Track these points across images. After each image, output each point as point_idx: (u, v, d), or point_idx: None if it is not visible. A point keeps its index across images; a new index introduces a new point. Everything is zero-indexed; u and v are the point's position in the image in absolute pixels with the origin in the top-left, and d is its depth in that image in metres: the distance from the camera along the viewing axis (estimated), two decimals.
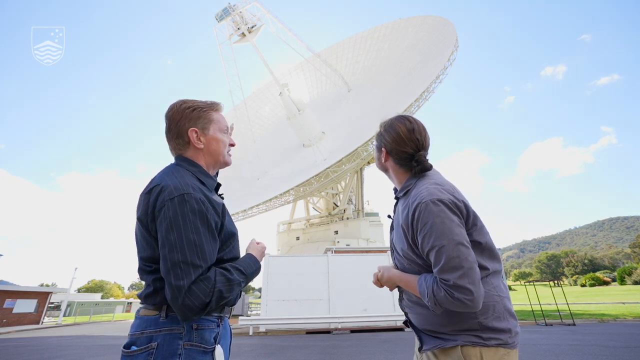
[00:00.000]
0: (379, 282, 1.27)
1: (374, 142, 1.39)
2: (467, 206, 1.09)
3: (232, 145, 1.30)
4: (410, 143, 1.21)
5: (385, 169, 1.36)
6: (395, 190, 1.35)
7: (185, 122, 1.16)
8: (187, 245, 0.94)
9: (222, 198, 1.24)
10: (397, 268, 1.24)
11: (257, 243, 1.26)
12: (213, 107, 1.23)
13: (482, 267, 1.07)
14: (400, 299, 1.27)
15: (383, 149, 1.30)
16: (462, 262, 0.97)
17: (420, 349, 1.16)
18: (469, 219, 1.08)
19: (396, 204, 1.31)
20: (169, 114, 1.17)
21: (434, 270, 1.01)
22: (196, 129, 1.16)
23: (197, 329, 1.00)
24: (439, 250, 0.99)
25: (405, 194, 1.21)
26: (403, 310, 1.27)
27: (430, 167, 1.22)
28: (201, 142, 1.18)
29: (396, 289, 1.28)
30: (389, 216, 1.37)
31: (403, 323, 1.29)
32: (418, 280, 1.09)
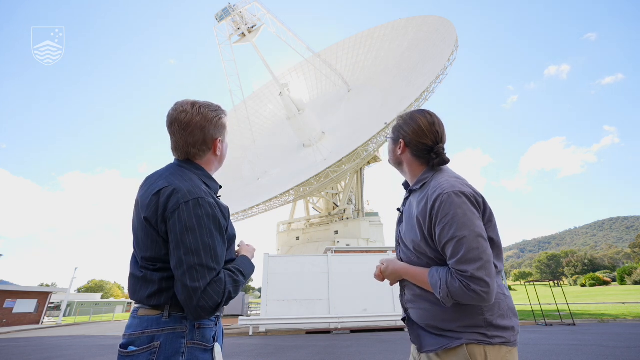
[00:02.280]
0: (382, 275, 1.25)
1: (390, 135, 1.36)
2: (484, 202, 1.10)
3: None
4: (430, 135, 1.22)
5: (399, 162, 1.34)
6: (405, 184, 1.35)
7: (213, 130, 1.17)
8: (203, 249, 0.97)
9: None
10: (409, 262, 1.22)
11: (247, 245, 1.29)
12: (226, 113, 1.25)
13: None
14: (402, 294, 1.25)
15: (401, 140, 1.28)
16: (481, 254, 0.97)
17: (419, 349, 1.14)
18: (485, 215, 1.09)
19: (407, 197, 1.30)
20: (195, 119, 1.13)
21: (451, 262, 1.00)
22: (221, 138, 1.20)
23: (199, 327, 1.02)
24: (459, 241, 0.98)
25: (421, 187, 1.21)
26: (404, 307, 1.24)
27: (448, 160, 1.22)
28: (220, 150, 1.21)
29: (394, 285, 1.27)
30: (399, 209, 1.35)
31: (402, 320, 1.27)
32: (429, 272, 1.08)
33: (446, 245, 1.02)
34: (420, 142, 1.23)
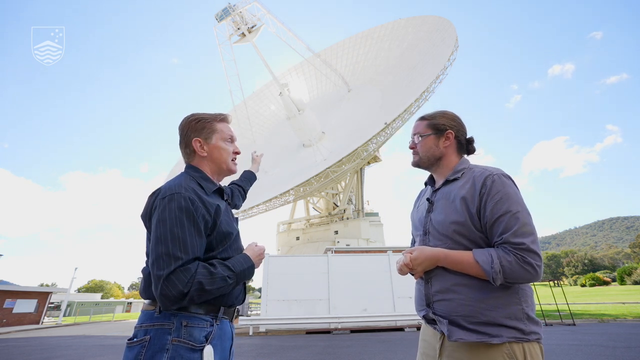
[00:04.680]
0: (411, 263, 1.16)
1: (426, 133, 1.32)
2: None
3: (237, 153, 1.39)
4: (465, 126, 1.34)
5: (439, 157, 1.31)
6: (430, 180, 1.39)
7: (191, 133, 1.28)
8: (171, 239, 1.01)
9: (229, 203, 1.33)
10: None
11: (256, 245, 1.30)
12: (217, 118, 1.34)
13: None
14: (428, 286, 1.16)
15: (449, 131, 1.30)
16: (533, 230, 1.03)
17: (450, 337, 1.04)
18: None
19: (437, 189, 1.29)
20: (180, 126, 1.31)
21: (505, 235, 1.01)
22: (200, 139, 1.28)
23: (187, 326, 1.03)
24: (514, 215, 1.02)
25: (461, 175, 1.23)
26: (429, 300, 1.15)
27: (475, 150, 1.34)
28: (204, 150, 1.28)
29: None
30: (429, 199, 1.30)
31: (423, 317, 1.19)
32: (474, 252, 1.06)
33: (499, 219, 1.04)
34: (464, 132, 1.32)
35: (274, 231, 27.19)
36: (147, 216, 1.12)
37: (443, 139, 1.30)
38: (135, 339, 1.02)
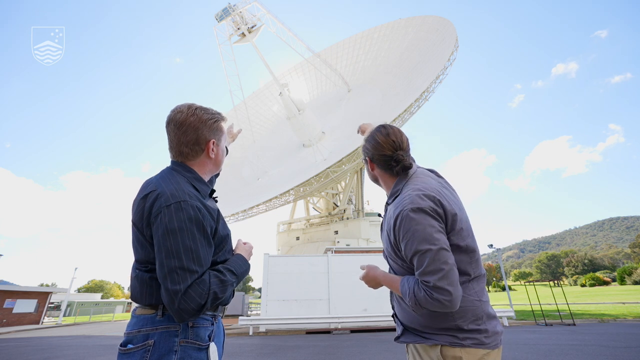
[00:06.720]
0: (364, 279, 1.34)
1: (362, 157, 1.49)
2: (446, 211, 1.11)
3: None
4: (387, 146, 1.28)
5: (375, 179, 1.43)
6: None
7: (207, 131, 1.18)
8: (184, 252, 0.97)
9: (216, 201, 1.28)
10: (389, 265, 1.32)
11: (244, 243, 1.29)
12: (224, 118, 1.29)
13: (463, 273, 1.10)
14: (391, 293, 1.33)
15: (367, 158, 1.38)
16: (441, 265, 1.02)
17: (396, 338, 1.25)
18: (448, 223, 1.11)
19: (386, 207, 1.37)
20: (189, 119, 1.15)
21: (416, 273, 1.07)
22: (214, 140, 1.22)
23: (193, 326, 1.04)
24: (422, 255, 1.04)
25: (394, 199, 1.25)
26: (391, 304, 1.34)
27: (410, 165, 1.27)
28: (214, 152, 1.23)
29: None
30: (380, 215, 1.46)
31: (392, 316, 1.36)
32: (401, 282, 1.15)
33: (412, 258, 1.09)
34: (381, 154, 1.29)
35: (274, 231, 27.20)
36: (144, 222, 1.04)
37: (368, 164, 1.39)
38: (131, 345, 0.99)
